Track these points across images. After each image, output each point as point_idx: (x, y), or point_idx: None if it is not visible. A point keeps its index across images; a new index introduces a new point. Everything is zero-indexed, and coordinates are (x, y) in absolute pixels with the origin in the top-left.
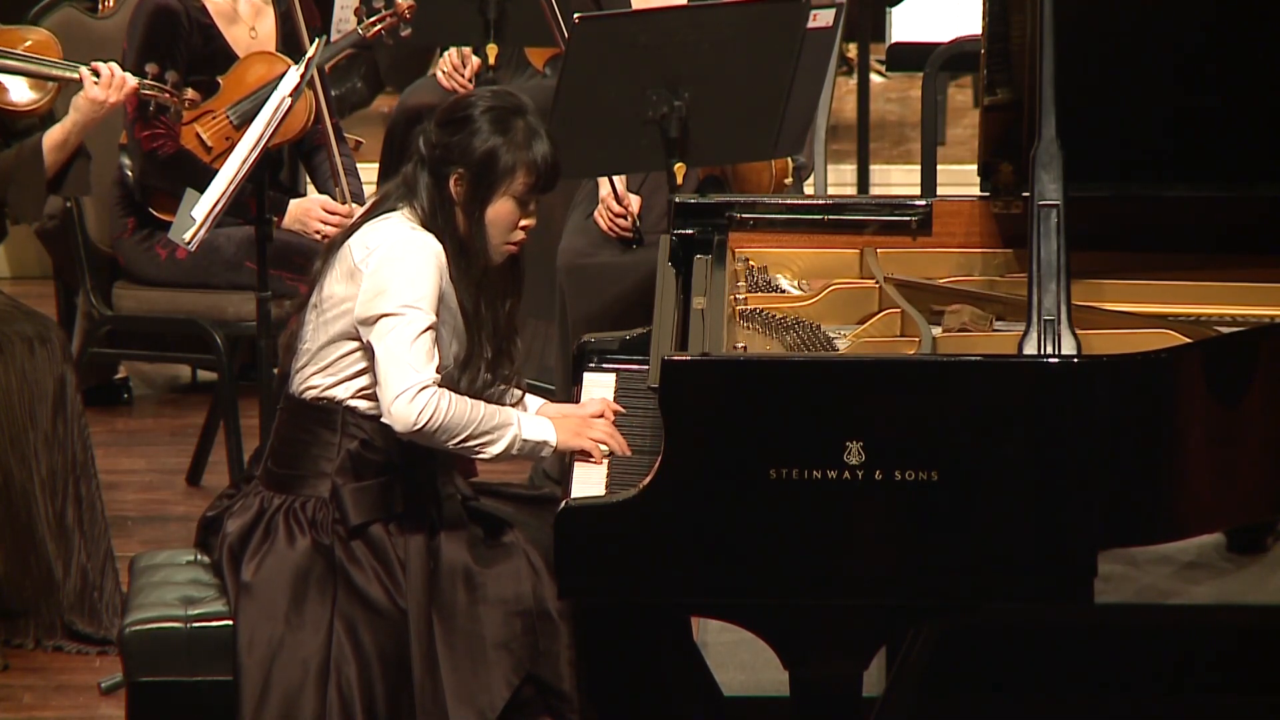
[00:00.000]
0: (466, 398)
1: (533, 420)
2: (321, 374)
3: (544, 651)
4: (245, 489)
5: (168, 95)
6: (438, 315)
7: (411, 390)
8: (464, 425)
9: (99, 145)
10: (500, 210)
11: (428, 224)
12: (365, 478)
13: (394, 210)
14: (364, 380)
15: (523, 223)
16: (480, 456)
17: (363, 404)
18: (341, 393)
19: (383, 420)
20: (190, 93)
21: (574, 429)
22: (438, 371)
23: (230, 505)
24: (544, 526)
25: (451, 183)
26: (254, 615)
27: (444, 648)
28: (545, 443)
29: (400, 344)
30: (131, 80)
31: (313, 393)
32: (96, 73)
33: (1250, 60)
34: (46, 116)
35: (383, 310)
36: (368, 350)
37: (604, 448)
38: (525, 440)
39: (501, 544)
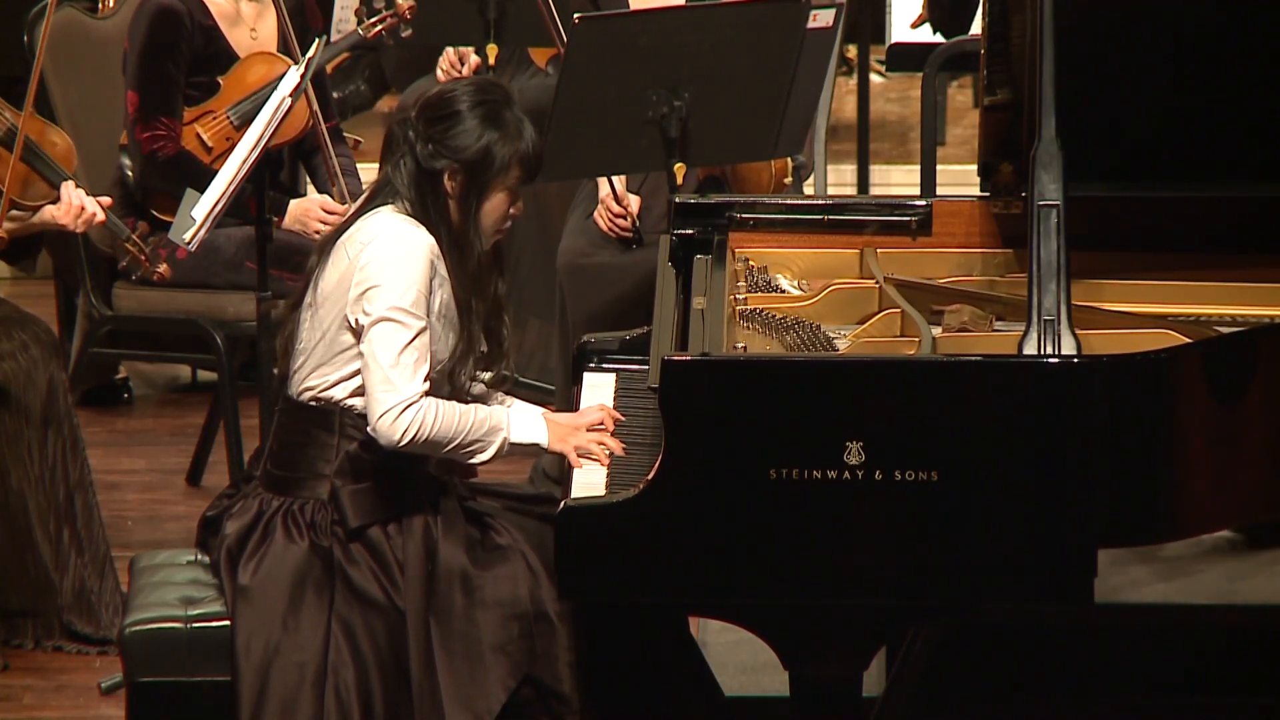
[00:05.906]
0: (455, 404)
1: (523, 421)
2: (318, 373)
3: (542, 653)
4: (245, 489)
5: (129, 247)
6: (434, 310)
7: (396, 409)
8: (451, 435)
9: (99, 145)
10: (495, 203)
11: (420, 219)
12: (364, 479)
13: (386, 204)
14: (360, 379)
15: (513, 210)
16: (470, 462)
17: (359, 402)
18: (339, 393)
19: (368, 431)
20: (148, 248)
21: (561, 435)
22: (434, 368)
23: (230, 506)
24: (541, 527)
25: (445, 178)
26: (251, 619)
27: (441, 651)
28: (536, 444)
29: (388, 355)
30: (91, 210)
31: (310, 394)
32: (70, 194)
33: (1250, 60)
34: None
35: (373, 311)
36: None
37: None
38: (515, 443)
39: (498, 546)
